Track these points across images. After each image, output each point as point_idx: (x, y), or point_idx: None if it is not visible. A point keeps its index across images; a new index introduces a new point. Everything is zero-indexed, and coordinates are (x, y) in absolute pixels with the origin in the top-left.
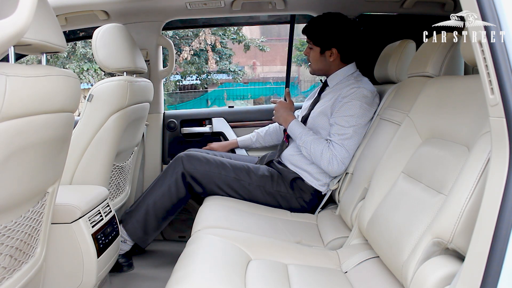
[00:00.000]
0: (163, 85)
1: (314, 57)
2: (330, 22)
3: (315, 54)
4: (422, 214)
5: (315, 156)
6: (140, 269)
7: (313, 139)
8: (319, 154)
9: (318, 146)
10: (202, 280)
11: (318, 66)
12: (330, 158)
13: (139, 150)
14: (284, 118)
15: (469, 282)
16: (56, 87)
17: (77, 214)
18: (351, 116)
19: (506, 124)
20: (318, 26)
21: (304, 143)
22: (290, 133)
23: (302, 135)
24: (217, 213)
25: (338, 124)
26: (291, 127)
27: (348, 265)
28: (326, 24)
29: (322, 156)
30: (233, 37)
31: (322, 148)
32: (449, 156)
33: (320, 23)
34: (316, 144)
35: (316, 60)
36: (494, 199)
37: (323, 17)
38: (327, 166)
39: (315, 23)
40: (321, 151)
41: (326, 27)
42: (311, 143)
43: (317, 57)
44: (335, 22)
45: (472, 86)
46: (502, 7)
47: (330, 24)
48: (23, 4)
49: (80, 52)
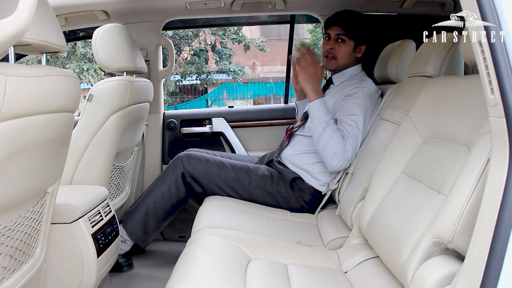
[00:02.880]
0: (163, 85)
1: (345, 51)
2: (366, 18)
3: (347, 48)
4: (422, 214)
5: (328, 150)
6: (140, 269)
7: (337, 129)
8: (333, 151)
9: (336, 144)
10: (202, 280)
11: (345, 61)
12: (343, 157)
13: (139, 150)
14: (316, 89)
15: (469, 282)
16: (56, 87)
17: (77, 214)
18: (357, 115)
19: (506, 124)
20: (359, 20)
21: (324, 133)
22: (315, 108)
23: (329, 119)
24: (217, 213)
25: (346, 123)
26: (320, 103)
27: (348, 265)
28: (365, 19)
29: (335, 154)
30: (233, 37)
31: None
32: (449, 156)
33: (360, 17)
34: (335, 140)
35: (347, 54)
36: (494, 199)
37: (358, 13)
38: (334, 162)
39: (354, 16)
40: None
41: (366, 22)
42: (335, 132)
43: (349, 52)
44: (370, 18)
45: (472, 86)
46: (502, 7)
47: (367, 20)
48: (23, 4)
49: (80, 52)
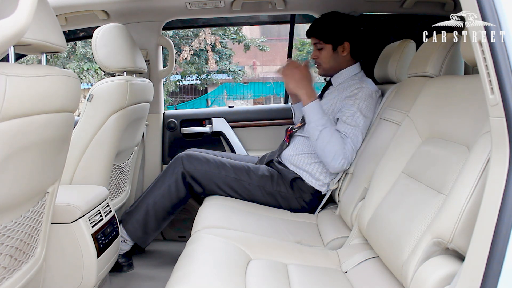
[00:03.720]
0: (163, 85)
1: (326, 56)
2: (336, 18)
3: (327, 53)
4: (422, 214)
5: (328, 152)
6: (140, 269)
7: (333, 132)
8: (333, 152)
9: (335, 145)
10: (202, 280)
11: (330, 64)
12: (343, 158)
13: (139, 150)
14: (309, 92)
15: (469, 282)
16: (56, 87)
17: (77, 214)
18: (357, 115)
19: (506, 124)
20: (326, 24)
21: (322, 135)
22: (310, 111)
23: (326, 121)
24: (217, 213)
25: (347, 123)
26: (314, 107)
27: (348, 265)
28: (333, 20)
29: (335, 155)
30: (233, 37)
31: (337, 149)
32: (449, 156)
33: (327, 21)
34: (334, 141)
35: (329, 58)
36: (494, 199)
37: (327, 15)
38: (334, 163)
39: (321, 22)
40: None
41: (335, 22)
42: (333, 133)
43: (330, 55)
44: (341, 17)
45: (472, 86)
46: (502, 7)
47: (337, 20)
48: (23, 4)
49: (80, 52)
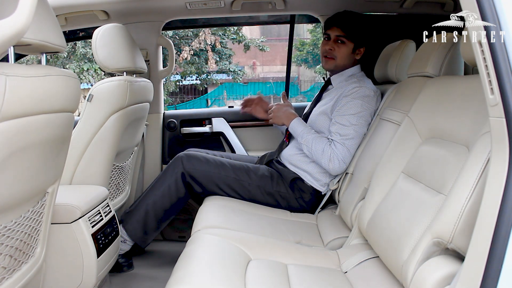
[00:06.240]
0: (163, 85)
1: (344, 53)
2: (366, 20)
3: (346, 50)
4: (422, 214)
5: (316, 154)
6: (140, 269)
7: (314, 137)
8: (320, 152)
9: (319, 144)
10: (202, 280)
11: (344, 62)
12: (331, 156)
13: (139, 150)
14: (286, 116)
15: (469, 282)
16: (56, 87)
17: (77, 214)
18: (352, 115)
19: (506, 124)
20: (360, 23)
21: (305, 141)
22: (292, 131)
23: (304, 133)
24: (217, 213)
25: (339, 123)
26: (294, 125)
27: (348, 265)
28: (364, 21)
29: (323, 154)
30: (233, 37)
31: (324, 147)
32: (449, 156)
33: (361, 21)
34: (318, 142)
35: (346, 56)
36: (494, 199)
37: (361, 15)
38: (327, 164)
39: (355, 19)
40: (322, 149)
41: (365, 24)
42: (313, 141)
43: (348, 53)
44: (370, 21)
45: (472, 86)
46: (502, 7)
47: (367, 22)
48: (23, 4)
49: (80, 52)
